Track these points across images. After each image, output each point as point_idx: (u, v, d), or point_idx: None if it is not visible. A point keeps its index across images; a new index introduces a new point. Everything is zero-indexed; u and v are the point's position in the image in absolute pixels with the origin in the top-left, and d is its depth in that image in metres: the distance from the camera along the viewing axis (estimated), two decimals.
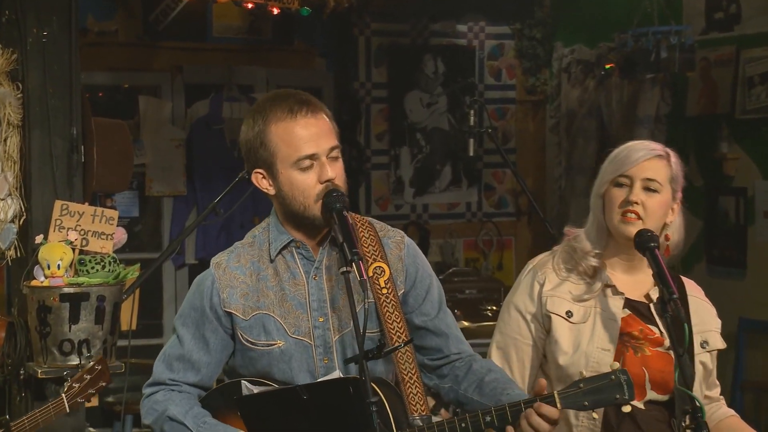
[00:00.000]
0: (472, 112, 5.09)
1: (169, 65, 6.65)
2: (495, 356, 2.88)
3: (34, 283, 3.74)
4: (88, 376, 3.24)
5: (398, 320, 2.55)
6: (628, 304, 2.79)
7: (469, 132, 5.10)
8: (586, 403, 2.38)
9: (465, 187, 7.62)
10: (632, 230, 2.71)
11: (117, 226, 3.89)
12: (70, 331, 3.68)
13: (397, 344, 2.51)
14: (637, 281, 2.83)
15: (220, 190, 4.06)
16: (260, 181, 2.55)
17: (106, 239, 3.85)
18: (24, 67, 3.90)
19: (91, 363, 3.06)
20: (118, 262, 3.84)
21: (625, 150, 2.78)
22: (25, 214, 3.92)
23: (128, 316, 4.02)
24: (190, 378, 2.62)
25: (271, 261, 2.58)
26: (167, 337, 6.38)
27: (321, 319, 2.55)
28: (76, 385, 3.27)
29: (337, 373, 2.48)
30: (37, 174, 3.92)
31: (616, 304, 2.77)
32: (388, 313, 2.55)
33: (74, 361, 3.69)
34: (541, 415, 2.37)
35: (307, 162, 2.47)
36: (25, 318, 3.85)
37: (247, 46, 6.87)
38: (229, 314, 2.57)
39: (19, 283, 3.85)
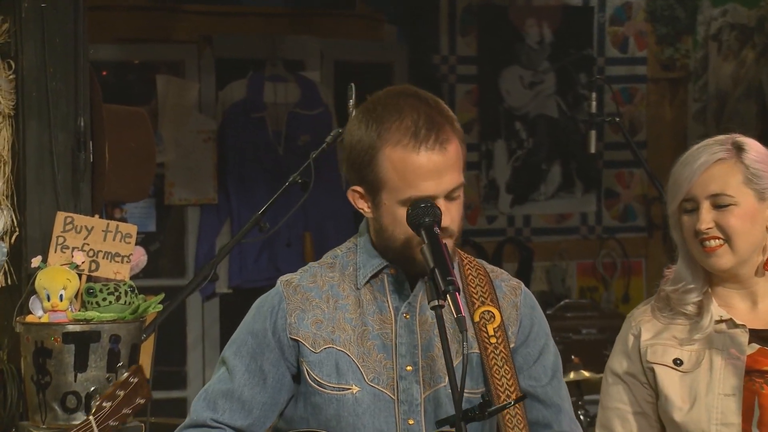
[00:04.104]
0: (593, 95, 5.06)
1: (195, 35, 6.73)
2: None
3: (29, 318, 3.78)
4: (122, 392, 3.25)
5: (508, 377, 2.60)
6: (755, 335, 2.84)
7: (589, 121, 5.07)
8: None
9: (580, 194, 7.59)
10: (722, 262, 2.79)
11: (135, 245, 3.94)
12: (75, 381, 3.71)
13: (505, 402, 2.53)
14: (759, 307, 2.89)
15: (261, 197, 4.09)
16: (357, 200, 2.65)
17: (122, 262, 3.89)
18: (18, 41, 3.95)
19: (125, 374, 3.07)
20: (136, 291, 3.88)
21: (681, 162, 2.84)
22: (18, 229, 3.97)
23: (148, 361, 4.06)
24: (238, 421, 2.66)
25: (357, 288, 2.65)
26: (193, 390, 6.35)
27: (409, 368, 2.60)
28: (107, 404, 3.26)
29: None
30: (33, 178, 3.96)
31: (738, 340, 2.82)
32: (496, 367, 2.60)
33: (80, 419, 3.72)
34: None
35: None
36: (18, 364, 3.89)
37: (295, 10, 6.93)
38: (296, 343, 2.63)
39: (10, 319, 3.89)
